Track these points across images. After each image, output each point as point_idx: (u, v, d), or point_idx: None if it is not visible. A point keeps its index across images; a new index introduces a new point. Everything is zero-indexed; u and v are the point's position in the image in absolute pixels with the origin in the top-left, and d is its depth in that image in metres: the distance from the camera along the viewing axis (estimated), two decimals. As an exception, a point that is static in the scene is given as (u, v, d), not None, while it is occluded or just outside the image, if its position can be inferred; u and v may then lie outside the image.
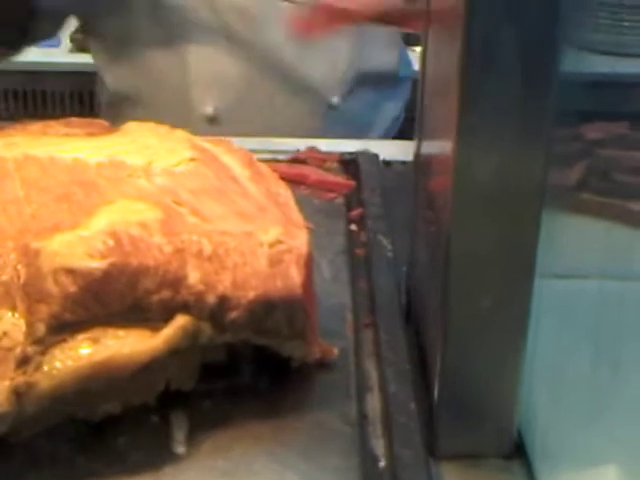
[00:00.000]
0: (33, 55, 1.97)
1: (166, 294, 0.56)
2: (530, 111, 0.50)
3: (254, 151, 0.76)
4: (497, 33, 0.49)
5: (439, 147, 0.58)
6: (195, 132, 0.77)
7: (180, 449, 0.57)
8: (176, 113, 1.18)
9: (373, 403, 0.61)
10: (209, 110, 1.19)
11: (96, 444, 0.57)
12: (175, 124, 0.76)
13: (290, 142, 1.01)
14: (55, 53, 2.01)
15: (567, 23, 0.49)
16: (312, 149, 0.96)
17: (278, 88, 1.19)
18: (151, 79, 1.20)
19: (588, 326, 0.69)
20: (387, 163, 0.98)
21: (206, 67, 1.18)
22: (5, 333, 0.54)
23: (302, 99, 1.20)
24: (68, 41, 2.01)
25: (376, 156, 0.95)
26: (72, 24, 2.01)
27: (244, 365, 0.62)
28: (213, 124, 1.19)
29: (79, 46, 2.00)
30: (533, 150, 0.51)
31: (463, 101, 0.50)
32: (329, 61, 1.20)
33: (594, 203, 0.87)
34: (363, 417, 0.59)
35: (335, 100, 1.21)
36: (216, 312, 0.57)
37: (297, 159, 0.95)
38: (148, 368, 0.54)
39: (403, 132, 1.31)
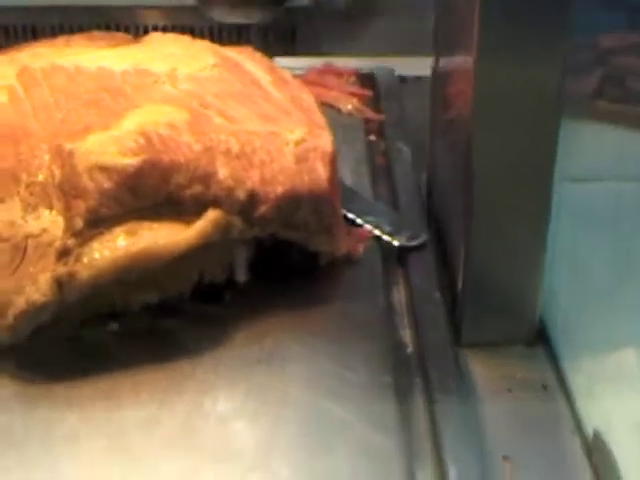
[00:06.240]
0: None
1: (197, 189, 0.57)
2: (548, 21, 0.51)
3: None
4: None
5: (459, 61, 0.59)
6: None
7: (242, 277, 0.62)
8: None
9: (400, 295, 0.63)
10: None
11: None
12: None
13: (306, 60, 1.02)
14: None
15: None
16: (329, 65, 0.97)
17: None
18: None
19: (605, 223, 0.71)
20: (402, 79, 0.99)
21: None
22: (45, 230, 0.56)
23: None
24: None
25: (392, 70, 0.96)
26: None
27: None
28: None
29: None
30: (551, 60, 0.52)
31: (483, 15, 0.51)
32: None
33: (610, 110, 0.88)
34: (390, 307, 0.61)
35: None
36: (246, 207, 0.58)
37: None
38: (182, 259, 0.56)
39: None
